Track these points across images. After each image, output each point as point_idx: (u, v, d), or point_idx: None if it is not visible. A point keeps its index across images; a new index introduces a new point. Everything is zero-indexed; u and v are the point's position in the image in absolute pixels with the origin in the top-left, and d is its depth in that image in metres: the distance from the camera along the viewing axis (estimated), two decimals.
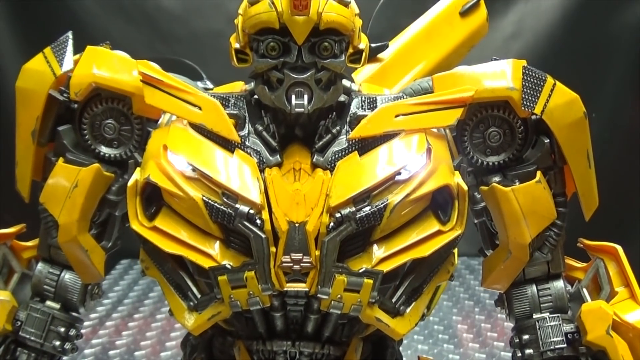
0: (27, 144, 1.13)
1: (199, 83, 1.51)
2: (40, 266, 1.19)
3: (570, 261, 1.21)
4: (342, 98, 1.07)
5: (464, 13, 1.44)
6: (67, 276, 1.19)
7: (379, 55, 1.40)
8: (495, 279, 1.14)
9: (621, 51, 2.94)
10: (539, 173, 1.08)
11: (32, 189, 1.17)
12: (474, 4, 1.44)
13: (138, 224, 1.03)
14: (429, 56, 1.42)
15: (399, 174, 1.00)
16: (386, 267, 0.99)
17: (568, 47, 2.92)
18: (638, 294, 1.12)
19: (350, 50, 1.03)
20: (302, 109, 0.98)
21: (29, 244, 1.25)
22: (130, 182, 1.04)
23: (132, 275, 3.01)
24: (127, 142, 1.12)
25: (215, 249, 1.01)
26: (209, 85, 1.58)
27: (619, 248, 1.16)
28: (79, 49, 1.15)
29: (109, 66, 1.10)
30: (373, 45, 1.41)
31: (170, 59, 1.64)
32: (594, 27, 2.91)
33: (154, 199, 1.05)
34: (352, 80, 1.13)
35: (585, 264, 1.22)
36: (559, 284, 1.16)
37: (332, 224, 0.97)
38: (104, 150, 1.12)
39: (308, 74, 0.99)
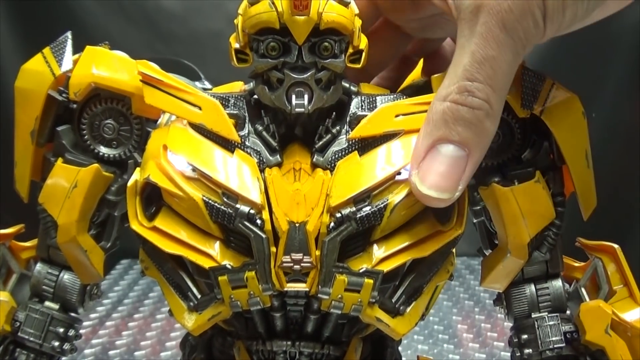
0: (26, 144, 1.13)
1: (197, 83, 1.51)
2: (39, 266, 1.19)
3: (568, 261, 1.22)
4: (342, 98, 1.07)
5: None
6: (66, 276, 1.19)
7: None
8: (494, 279, 1.14)
9: (621, 51, 2.94)
10: (537, 173, 1.09)
11: (31, 189, 1.18)
12: None
13: (138, 224, 1.03)
14: None
15: (399, 173, 0.99)
16: (386, 267, 0.99)
17: (568, 47, 2.92)
18: (636, 293, 1.13)
19: (350, 50, 1.03)
20: (303, 109, 0.98)
21: (28, 244, 1.25)
22: (130, 182, 1.04)
23: (132, 275, 3.01)
24: (126, 142, 1.12)
25: (215, 249, 1.01)
26: (207, 85, 1.58)
27: (617, 247, 1.16)
28: (78, 48, 1.15)
29: (108, 66, 1.10)
30: None
31: (168, 59, 1.65)
32: (594, 27, 2.90)
33: (153, 199, 1.05)
34: (351, 81, 1.13)
35: (583, 264, 1.22)
36: (558, 283, 1.16)
37: (332, 223, 0.97)
38: (103, 150, 1.12)
39: (308, 74, 0.99)
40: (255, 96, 1.06)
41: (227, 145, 1.03)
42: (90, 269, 1.14)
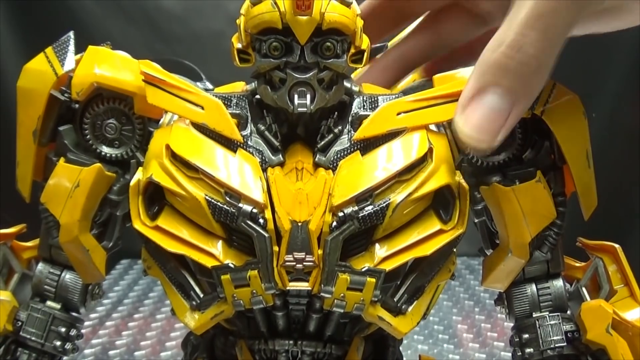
0: (28, 143, 1.13)
1: (198, 84, 1.51)
2: (40, 266, 1.19)
3: (569, 260, 1.22)
4: (344, 98, 1.07)
5: None
6: (67, 276, 1.19)
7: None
8: (495, 278, 1.15)
9: (621, 51, 2.94)
10: (538, 173, 1.09)
11: (32, 189, 1.18)
12: None
13: (140, 224, 1.03)
14: None
15: (401, 173, 1.00)
16: (388, 266, 1.00)
17: (568, 46, 2.91)
18: (637, 292, 1.13)
19: (352, 50, 1.03)
20: (305, 109, 0.98)
21: (29, 244, 1.25)
22: (133, 182, 1.04)
23: (132, 275, 3.01)
24: (128, 142, 1.12)
25: (217, 248, 1.01)
26: (209, 86, 1.57)
27: (618, 247, 1.17)
28: (78, 49, 1.16)
29: (110, 66, 1.10)
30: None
31: (169, 59, 1.65)
32: None
33: (156, 198, 1.05)
34: (352, 81, 1.13)
35: (584, 264, 1.23)
36: (559, 283, 1.17)
37: (334, 223, 0.97)
38: (105, 150, 1.12)
39: (310, 73, 0.99)
40: (258, 96, 1.07)
41: (230, 144, 1.03)
42: (92, 269, 1.14)
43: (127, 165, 1.12)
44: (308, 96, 0.99)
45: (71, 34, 1.15)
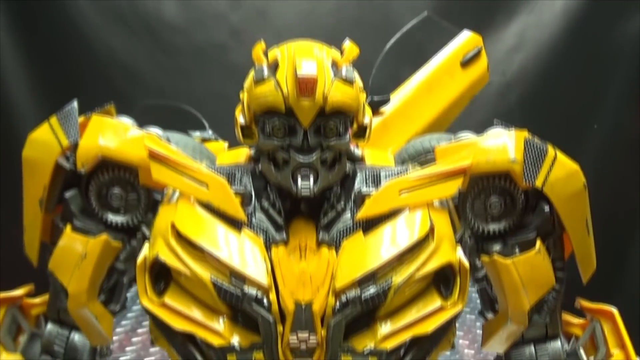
0: (35, 211, 1.15)
1: (197, 133, 1.52)
2: (50, 327, 1.21)
3: (568, 317, 1.25)
4: (347, 167, 1.08)
5: (465, 63, 1.44)
6: (76, 337, 1.20)
7: (381, 109, 1.41)
8: (495, 343, 1.18)
9: (624, 62, 2.91)
10: (538, 243, 1.10)
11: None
12: (475, 54, 1.44)
13: (148, 301, 1.04)
14: (430, 108, 1.44)
15: (403, 254, 1.01)
16: (390, 345, 1.02)
17: (570, 58, 2.89)
18: (632, 356, 1.16)
19: (355, 126, 1.04)
20: (308, 193, 1.00)
21: (37, 300, 1.27)
22: (139, 259, 1.05)
23: (135, 289, 3.02)
24: (134, 210, 1.13)
25: (224, 325, 1.02)
26: (211, 135, 1.58)
27: (615, 311, 1.19)
28: (82, 62, 1.14)
29: (115, 137, 1.10)
30: (375, 98, 1.42)
31: (173, 106, 1.65)
32: (597, 38, 2.89)
33: (163, 273, 1.06)
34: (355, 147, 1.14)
35: (582, 320, 1.25)
36: (557, 344, 1.19)
37: (337, 305, 0.99)
38: (111, 217, 1.12)
39: (314, 156, 1.00)
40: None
41: (234, 222, 1.04)
42: (100, 333, 1.16)
43: (133, 232, 1.14)
44: (311, 178, 1.00)
45: (75, 104, 1.14)
